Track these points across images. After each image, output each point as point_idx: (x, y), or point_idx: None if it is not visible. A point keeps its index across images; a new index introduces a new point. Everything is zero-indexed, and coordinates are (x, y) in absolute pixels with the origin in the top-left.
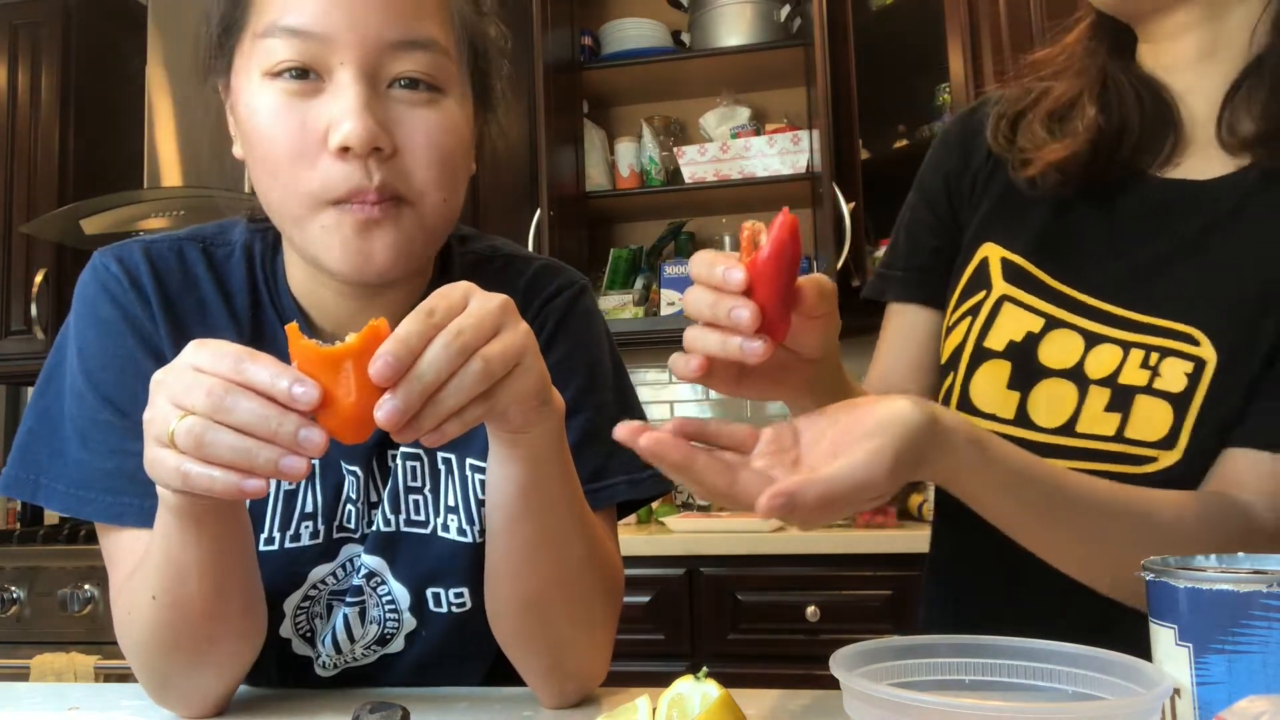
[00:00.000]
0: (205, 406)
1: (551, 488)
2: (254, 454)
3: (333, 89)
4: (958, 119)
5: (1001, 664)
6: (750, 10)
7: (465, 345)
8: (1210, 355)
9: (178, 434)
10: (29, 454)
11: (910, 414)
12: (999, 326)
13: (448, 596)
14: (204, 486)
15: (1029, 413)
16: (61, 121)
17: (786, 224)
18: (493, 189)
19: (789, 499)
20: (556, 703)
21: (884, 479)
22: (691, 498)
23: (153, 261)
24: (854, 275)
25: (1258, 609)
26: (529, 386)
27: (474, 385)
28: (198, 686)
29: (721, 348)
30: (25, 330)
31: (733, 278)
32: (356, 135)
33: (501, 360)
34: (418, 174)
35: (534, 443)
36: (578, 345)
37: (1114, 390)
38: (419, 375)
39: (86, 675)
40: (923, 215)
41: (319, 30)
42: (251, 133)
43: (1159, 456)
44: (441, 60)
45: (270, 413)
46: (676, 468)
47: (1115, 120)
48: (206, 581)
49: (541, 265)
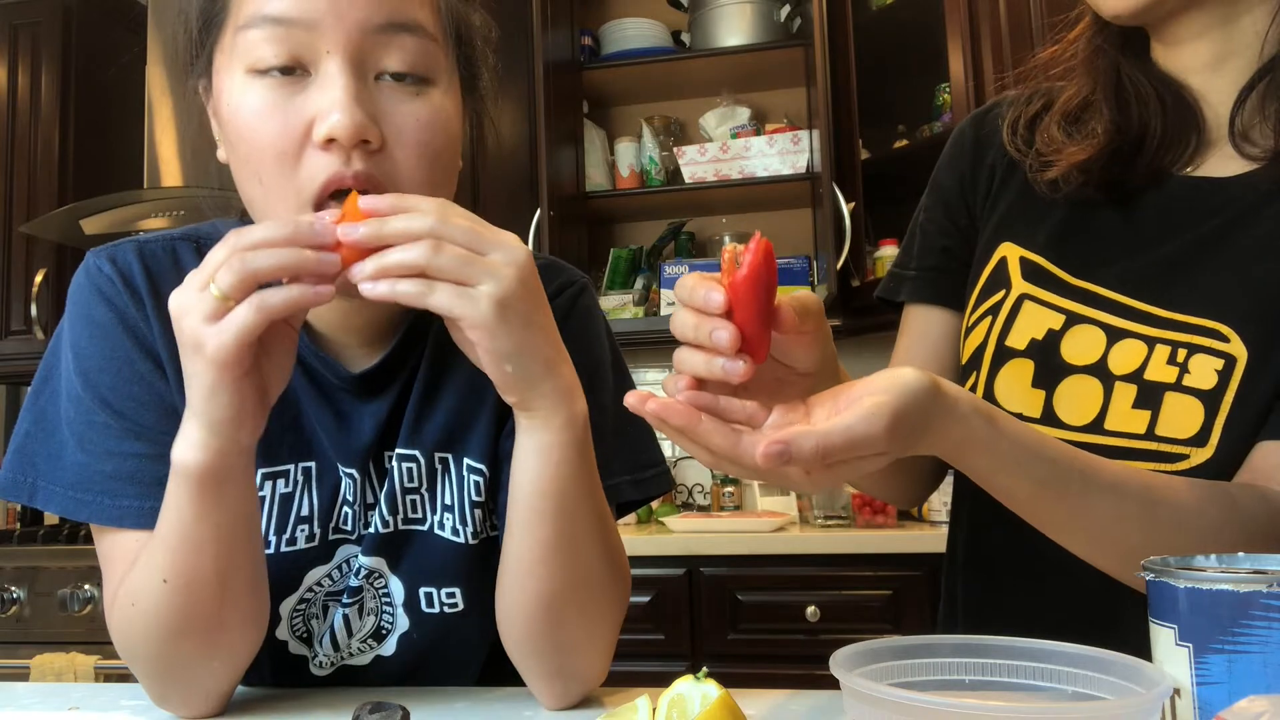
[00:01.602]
0: (224, 251)
1: (569, 491)
2: (299, 255)
3: (319, 80)
4: (971, 119)
5: (1001, 664)
6: (750, 10)
7: (437, 227)
8: (1241, 352)
9: (220, 284)
10: (26, 456)
11: (912, 376)
12: (1020, 325)
13: (440, 597)
14: (284, 301)
15: (1055, 411)
16: (61, 121)
17: (760, 249)
18: (493, 189)
19: (785, 448)
20: (558, 704)
21: (882, 433)
22: (692, 497)
23: (146, 261)
24: (854, 275)
25: (1258, 609)
26: (470, 314)
27: (413, 257)
28: (201, 679)
29: (706, 368)
30: (25, 330)
31: (713, 300)
32: (343, 127)
33: (454, 261)
34: (406, 169)
35: (550, 437)
36: (579, 345)
37: (1141, 387)
38: (385, 221)
39: (86, 675)
40: (937, 216)
41: (303, 16)
42: (234, 132)
43: (1191, 454)
44: (429, 46)
45: (281, 223)
46: (681, 430)
47: (1135, 122)
48: (219, 559)
49: (542, 264)
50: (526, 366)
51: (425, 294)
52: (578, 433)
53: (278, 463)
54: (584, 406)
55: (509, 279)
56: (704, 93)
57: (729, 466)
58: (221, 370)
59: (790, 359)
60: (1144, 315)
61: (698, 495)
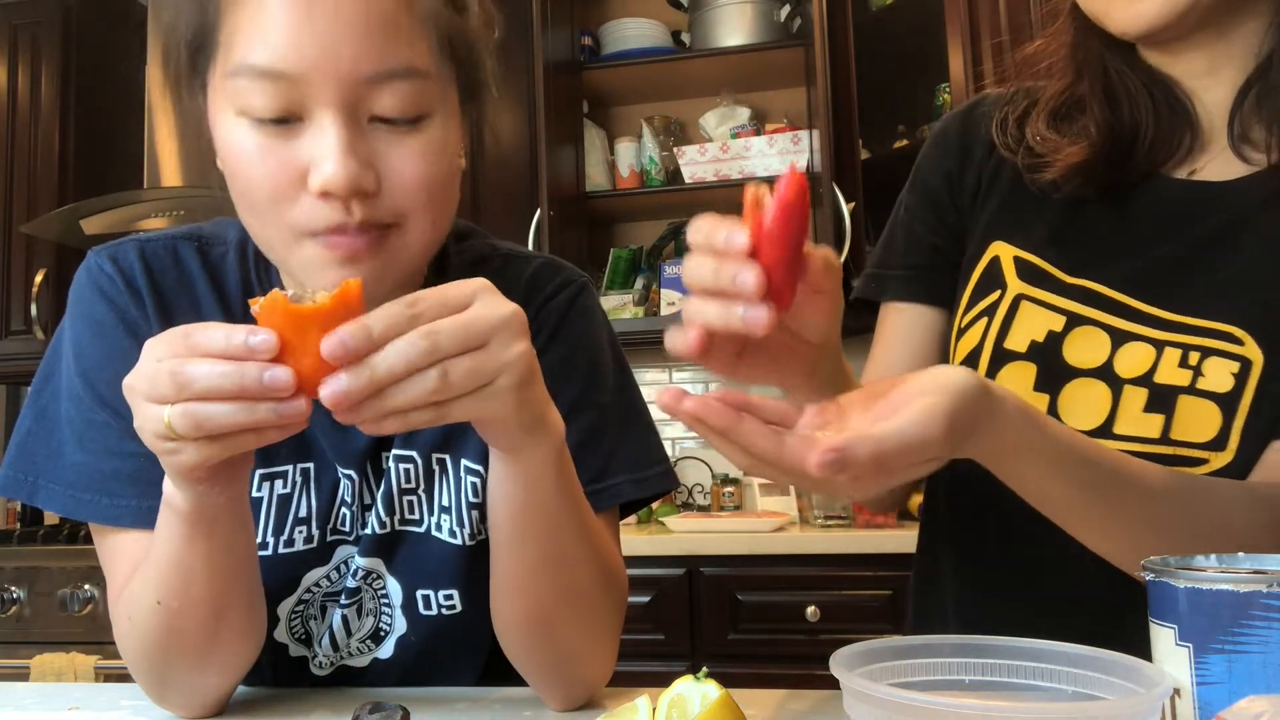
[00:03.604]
0: (172, 388)
1: (551, 509)
2: (253, 410)
3: (312, 129)
4: (954, 116)
5: (1001, 664)
6: (750, 10)
7: (434, 348)
8: (1256, 355)
9: (174, 424)
10: (27, 455)
11: (963, 376)
12: (1018, 326)
13: (438, 598)
14: (247, 445)
15: (1061, 415)
16: (61, 121)
17: (793, 183)
18: (493, 189)
19: (840, 455)
20: (564, 706)
21: (939, 437)
22: (692, 497)
23: (147, 260)
24: (854, 275)
25: (1258, 609)
26: (493, 410)
27: (423, 393)
28: (199, 687)
29: (723, 317)
30: (25, 330)
31: (736, 241)
32: (337, 181)
33: (466, 377)
34: (404, 203)
35: (529, 465)
36: (579, 344)
37: (1152, 390)
38: (371, 365)
39: (86, 675)
40: (922, 214)
41: (291, 69)
42: (229, 165)
43: (1210, 458)
44: (422, 85)
45: (228, 368)
46: (721, 431)
47: (1127, 120)
48: (213, 584)
49: (542, 263)
50: (526, 421)
51: (444, 415)
52: (555, 452)
53: (276, 464)
54: (560, 424)
55: (519, 356)
56: (704, 93)
57: (768, 470)
58: (181, 478)
59: (801, 324)
60: (1149, 317)
61: (698, 495)
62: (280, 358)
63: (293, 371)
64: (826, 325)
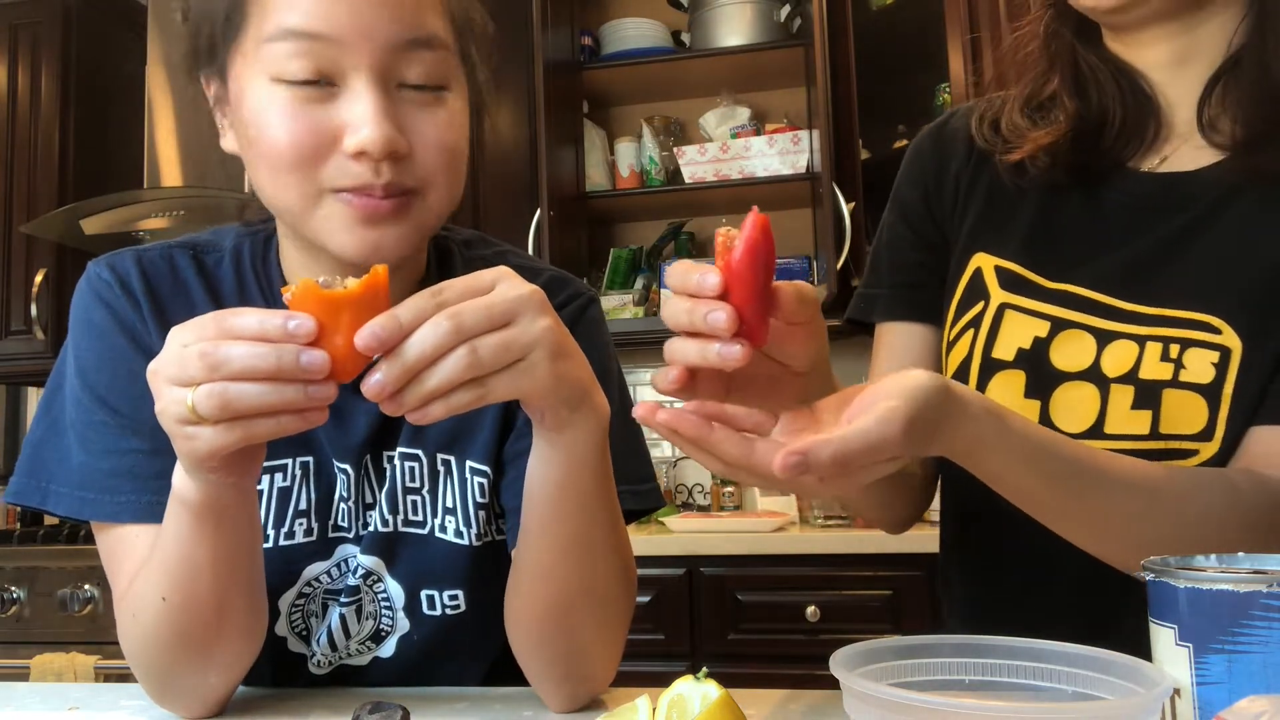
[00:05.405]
0: (202, 370)
1: (588, 492)
2: (283, 392)
3: (347, 94)
4: (928, 132)
5: (1001, 664)
6: (750, 10)
7: (459, 328)
8: (1235, 343)
9: (198, 405)
10: (39, 462)
11: (924, 379)
12: (1004, 336)
13: (442, 599)
14: (266, 432)
15: (1053, 420)
16: (61, 121)
17: (756, 224)
18: (493, 189)
19: (803, 459)
20: (567, 707)
21: (897, 437)
22: (692, 497)
23: (143, 267)
24: (854, 275)
25: (1258, 609)
26: (532, 385)
27: (457, 372)
28: (200, 686)
29: (700, 355)
30: (25, 330)
31: (708, 282)
32: (374, 141)
33: (496, 350)
34: (429, 169)
35: (573, 444)
36: (587, 353)
37: (1138, 387)
38: (402, 352)
39: (86, 675)
40: (903, 231)
41: (329, 32)
42: (257, 132)
43: (1199, 449)
44: (444, 55)
45: (265, 349)
46: (693, 441)
47: (1095, 108)
48: (218, 580)
49: (551, 275)
50: (569, 396)
51: (485, 394)
52: (600, 433)
53: (276, 457)
54: (606, 405)
55: (548, 331)
56: (704, 93)
57: (742, 475)
58: (195, 465)
59: (785, 355)
60: (1128, 314)
61: (698, 495)
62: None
63: (326, 354)
64: (809, 354)
